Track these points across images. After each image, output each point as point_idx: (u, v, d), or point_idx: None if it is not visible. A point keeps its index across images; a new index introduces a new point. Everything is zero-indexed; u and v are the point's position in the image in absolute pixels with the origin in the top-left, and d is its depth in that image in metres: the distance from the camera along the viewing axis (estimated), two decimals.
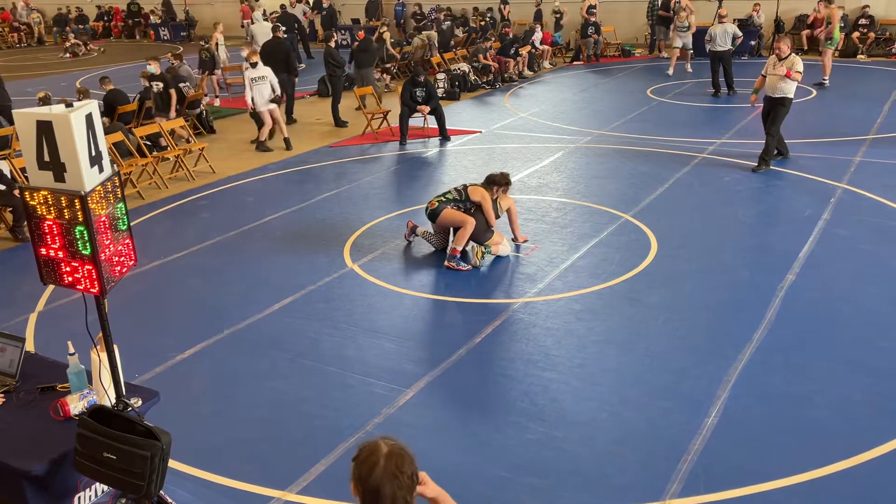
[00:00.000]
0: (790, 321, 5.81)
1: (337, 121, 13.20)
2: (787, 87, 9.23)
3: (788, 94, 9.26)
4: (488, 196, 7.16)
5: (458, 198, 7.19)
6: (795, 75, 9.14)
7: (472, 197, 7.14)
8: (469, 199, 7.16)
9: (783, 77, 9.17)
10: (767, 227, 7.86)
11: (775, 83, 9.29)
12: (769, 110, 9.48)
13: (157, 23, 27.31)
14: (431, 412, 4.91)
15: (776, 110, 9.38)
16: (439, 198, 7.24)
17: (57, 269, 3.26)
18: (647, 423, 4.68)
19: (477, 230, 7.09)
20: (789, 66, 9.13)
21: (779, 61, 9.29)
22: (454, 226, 7.19)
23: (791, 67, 9.11)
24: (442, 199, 7.21)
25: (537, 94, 15.71)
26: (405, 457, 2.31)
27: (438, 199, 7.24)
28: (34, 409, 3.74)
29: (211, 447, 4.60)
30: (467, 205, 7.17)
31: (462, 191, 7.22)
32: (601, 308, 6.21)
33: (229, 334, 5.99)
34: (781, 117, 9.41)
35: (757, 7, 18.29)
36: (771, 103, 9.43)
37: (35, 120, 3.06)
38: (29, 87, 17.35)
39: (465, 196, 7.18)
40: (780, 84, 9.25)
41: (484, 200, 7.12)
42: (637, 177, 9.63)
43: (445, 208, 7.12)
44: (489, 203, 7.14)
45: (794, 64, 9.14)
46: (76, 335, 4.02)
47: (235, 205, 9.29)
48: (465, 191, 7.21)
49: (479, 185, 7.24)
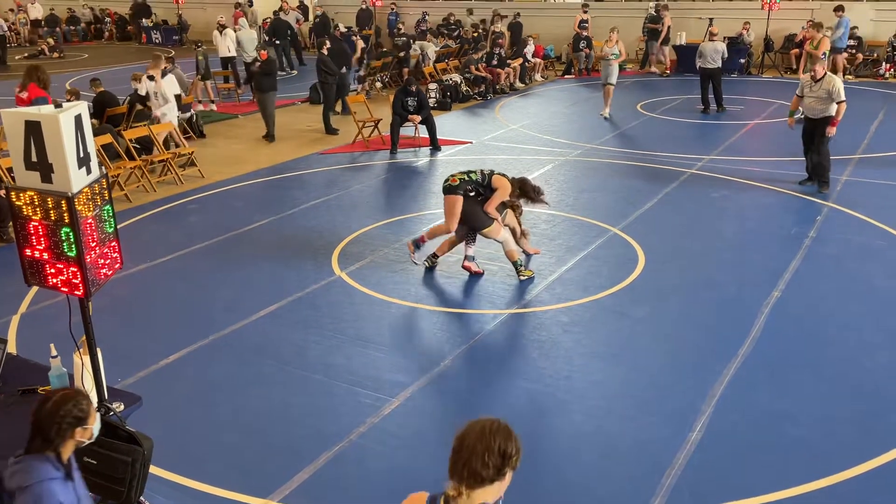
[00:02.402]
0: (775, 338, 5.84)
1: (328, 128, 13.19)
2: (828, 106, 9.15)
3: (831, 112, 9.17)
4: (508, 190, 6.85)
5: (480, 181, 6.86)
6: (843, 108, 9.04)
7: (493, 184, 6.84)
8: (490, 185, 6.86)
9: (822, 98, 9.10)
10: (754, 244, 7.91)
11: (815, 105, 9.23)
12: (811, 131, 9.42)
13: (149, 26, 27.23)
14: (416, 422, 4.89)
15: (821, 131, 9.28)
16: (462, 175, 6.90)
17: (42, 270, 3.23)
18: (633, 437, 4.69)
19: (478, 215, 6.84)
20: (829, 87, 9.04)
21: (815, 83, 9.21)
22: (445, 212, 6.95)
23: (832, 92, 8.99)
24: (464, 178, 6.86)
25: (528, 106, 15.78)
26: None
27: (461, 176, 6.89)
28: (15, 411, 3.68)
29: (193, 454, 4.56)
30: (487, 192, 6.85)
31: (487, 175, 6.90)
32: (588, 321, 6.22)
33: (214, 340, 5.95)
34: (826, 137, 9.30)
35: (747, 25, 18.49)
36: (813, 124, 9.37)
37: (24, 120, 3.04)
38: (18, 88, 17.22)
39: (488, 182, 6.86)
40: (819, 105, 9.19)
41: (501, 190, 6.82)
42: (626, 191, 9.67)
43: (457, 193, 6.82)
44: (502, 195, 6.84)
45: (835, 90, 8.99)
46: (59, 337, 3.98)
47: (223, 210, 9.25)
48: (489, 177, 6.89)
49: (508, 179, 6.91)
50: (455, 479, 2.31)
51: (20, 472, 2.72)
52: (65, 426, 2.73)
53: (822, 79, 9.15)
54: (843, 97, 9.08)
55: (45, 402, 2.75)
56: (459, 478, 2.29)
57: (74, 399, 2.77)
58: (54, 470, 2.74)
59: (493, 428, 2.37)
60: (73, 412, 2.74)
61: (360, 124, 12.38)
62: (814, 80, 9.23)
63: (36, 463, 2.72)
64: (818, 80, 9.18)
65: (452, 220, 6.89)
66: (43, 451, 2.74)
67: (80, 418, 2.77)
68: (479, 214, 6.88)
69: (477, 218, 6.89)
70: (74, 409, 2.75)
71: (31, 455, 2.74)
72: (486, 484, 2.28)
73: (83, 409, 2.78)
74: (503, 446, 2.34)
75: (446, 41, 20.04)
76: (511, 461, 2.37)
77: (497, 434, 2.35)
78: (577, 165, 10.93)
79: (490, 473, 2.28)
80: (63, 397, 2.76)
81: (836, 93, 9.03)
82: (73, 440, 2.78)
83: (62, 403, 2.74)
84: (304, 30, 23.91)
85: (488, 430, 2.36)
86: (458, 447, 2.36)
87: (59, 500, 2.69)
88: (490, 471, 2.28)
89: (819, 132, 9.30)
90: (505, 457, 2.34)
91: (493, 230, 6.91)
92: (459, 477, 2.29)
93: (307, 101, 16.06)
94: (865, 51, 18.13)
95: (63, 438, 2.74)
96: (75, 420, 2.75)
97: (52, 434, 2.71)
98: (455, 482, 2.31)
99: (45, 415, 2.72)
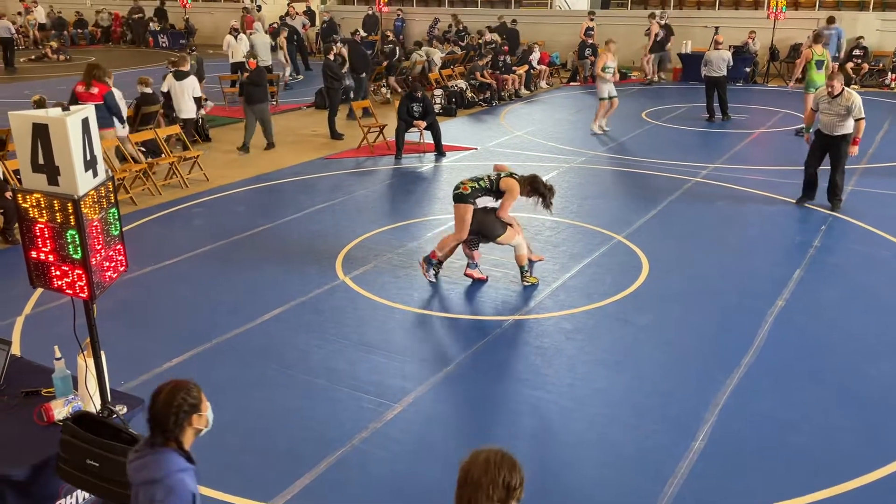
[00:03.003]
0: (779, 347, 5.83)
1: (333, 133, 13.22)
2: (846, 123, 8.81)
3: (848, 129, 8.84)
4: (516, 192, 6.74)
5: (489, 187, 6.76)
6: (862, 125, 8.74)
7: (501, 187, 6.74)
8: (499, 189, 6.75)
9: (840, 115, 8.76)
10: (758, 252, 7.90)
11: (833, 121, 8.84)
12: (825, 148, 9.03)
13: (156, 30, 27.35)
14: (418, 428, 4.88)
15: (837, 148, 8.95)
16: (472, 183, 6.77)
17: (47, 272, 3.23)
18: (635, 445, 4.67)
19: (491, 225, 6.78)
20: (847, 103, 8.69)
21: (832, 98, 8.79)
22: (456, 221, 6.90)
23: (851, 108, 8.67)
24: (475, 186, 6.75)
25: (533, 113, 15.80)
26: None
27: (472, 184, 6.76)
28: (18, 413, 3.69)
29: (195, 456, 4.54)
30: (498, 195, 6.76)
31: (495, 181, 6.78)
32: (592, 328, 6.21)
33: (218, 343, 5.96)
34: (845, 154, 8.98)
35: (752, 34, 18.50)
36: (829, 141, 8.97)
37: (31, 122, 3.05)
38: (25, 90, 17.32)
39: (496, 187, 6.76)
40: (836, 122, 8.82)
41: (509, 193, 6.73)
42: (630, 198, 9.67)
43: (468, 202, 6.73)
44: (512, 198, 6.75)
45: (854, 107, 8.66)
46: (63, 339, 3.99)
47: (228, 214, 9.27)
48: (497, 181, 6.78)
49: (515, 179, 6.79)
50: None
51: (148, 465, 2.70)
52: (181, 415, 2.71)
53: (840, 94, 8.76)
54: (863, 114, 8.77)
55: (157, 396, 2.73)
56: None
57: (185, 388, 2.75)
58: (183, 461, 2.73)
59: (497, 460, 2.38)
60: (188, 400, 2.72)
61: (364, 129, 12.40)
62: (831, 96, 8.82)
63: (163, 455, 2.70)
64: (836, 96, 8.78)
65: (463, 229, 6.80)
66: (166, 445, 2.73)
67: (194, 405, 2.75)
68: (492, 224, 6.80)
69: (491, 227, 6.81)
70: (188, 398, 2.73)
71: (155, 448, 2.72)
72: None
73: (195, 396, 2.76)
74: (507, 479, 2.36)
75: (452, 47, 20.08)
76: (515, 493, 2.38)
77: (502, 467, 2.36)
78: (581, 172, 10.93)
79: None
80: (173, 388, 2.74)
81: (855, 109, 8.70)
82: (191, 428, 2.77)
83: (174, 394, 2.72)
84: (310, 35, 24.01)
85: (493, 462, 2.37)
86: (463, 481, 2.38)
87: (192, 490, 2.68)
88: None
89: (834, 150, 8.97)
90: (509, 489, 2.36)
91: (507, 236, 6.83)
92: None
93: (313, 105, 16.10)
94: (871, 61, 18.12)
95: (181, 428, 2.73)
96: (190, 408, 2.73)
97: (170, 425, 2.70)
98: None
99: (159, 408, 2.70)
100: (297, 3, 24.72)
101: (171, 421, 2.70)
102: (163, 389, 2.76)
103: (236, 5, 26.61)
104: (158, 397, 2.73)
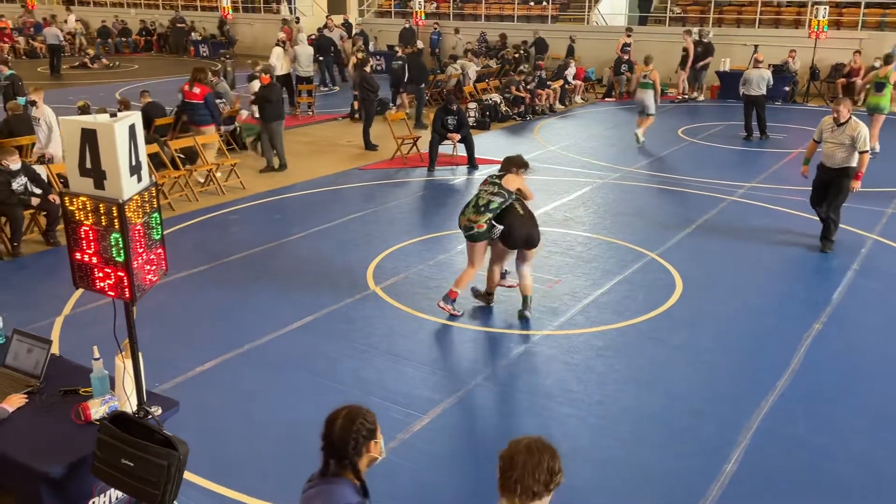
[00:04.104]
0: (815, 371, 5.72)
1: (367, 144, 13.33)
2: (850, 155, 7.94)
3: (852, 163, 7.96)
4: (521, 178, 6.60)
5: (503, 198, 6.44)
6: (865, 159, 7.97)
7: (509, 187, 6.47)
8: (510, 191, 6.47)
9: (844, 145, 7.94)
10: (795, 274, 7.77)
11: (835, 152, 7.99)
12: (827, 182, 8.14)
13: (197, 39, 27.90)
14: (446, 440, 4.88)
15: (838, 183, 8.04)
16: (483, 217, 6.37)
17: (90, 273, 3.30)
18: (665, 466, 4.62)
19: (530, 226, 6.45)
20: (852, 133, 7.85)
21: (837, 126, 7.99)
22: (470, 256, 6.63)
23: (856, 139, 7.84)
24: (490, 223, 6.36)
25: (567, 127, 15.77)
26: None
27: (483, 218, 6.37)
28: (56, 411, 3.77)
29: (225, 461, 4.61)
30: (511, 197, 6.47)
31: (506, 192, 6.46)
32: (623, 346, 6.16)
33: (250, 349, 6.02)
34: (845, 191, 8.07)
35: (793, 53, 18.28)
36: (829, 175, 8.09)
37: (80, 128, 3.13)
38: (70, 96, 17.76)
39: (507, 191, 6.47)
40: (839, 153, 7.98)
41: (519, 181, 6.58)
42: (665, 216, 9.59)
43: (484, 238, 6.45)
44: (519, 183, 6.57)
45: (860, 138, 7.84)
46: (99, 340, 4.06)
47: (263, 221, 9.39)
48: (500, 186, 6.49)
49: (507, 175, 6.57)
50: (508, 496, 2.39)
51: (320, 495, 2.62)
52: (361, 441, 2.65)
53: (847, 122, 7.91)
54: (868, 147, 7.99)
55: (333, 422, 2.67)
56: (513, 494, 2.37)
57: (363, 413, 2.69)
58: (356, 494, 2.62)
59: (538, 446, 2.45)
60: (366, 425, 2.66)
61: (398, 141, 12.49)
62: (836, 124, 7.99)
63: (337, 487, 2.62)
64: (841, 124, 7.94)
65: (478, 261, 6.59)
66: (340, 474, 2.65)
67: (372, 430, 2.68)
68: (532, 225, 6.45)
69: (534, 230, 6.45)
70: (366, 423, 2.67)
71: (329, 478, 2.65)
72: (537, 499, 2.38)
73: (371, 422, 2.70)
74: (550, 463, 2.43)
75: (487, 61, 20.16)
76: (556, 478, 2.44)
77: (544, 451, 2.44)
78: (615, 189, 10.88)
79: (540, 489, 2.37)
80: (350, 413, 2.68)
81: (860, 141, 7.84)
82: (367, 456, 2.69)
83: (353, 419, 2.66)
84: (347, 47, 24.28)
85: (535, 447, 2.44)
86: (508, 465, 2.43)
87: None
88: (540, 486, 2.37)
89: (835, 184, 8.05)
90: (552, 473, 2.42)
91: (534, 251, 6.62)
92: (513, 493, 2.37)
93: (348, 116, 16.27)
94: None
95: (360, 455, 2.65)
96: (368, 433, 2.67)
97: (349, 451, 2.62)
98: (508, 499, 2.39)
99: (339, 434, 2.64)
100: (335, 16, 25.06)
101: (350, 447, 2.63)
102: (339, 415, 2.70)
103: (276, 17, 27.05)
104: (335, 423, 2.67)
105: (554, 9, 23.24)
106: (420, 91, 15.85)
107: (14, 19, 29.71)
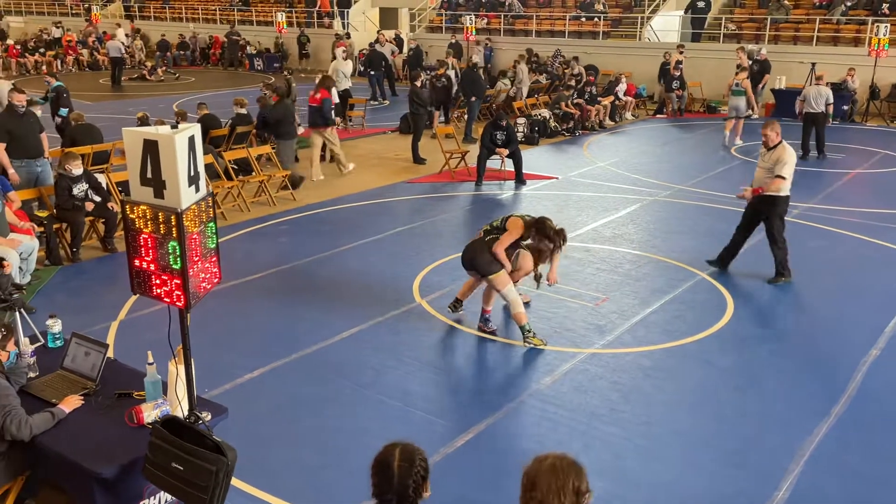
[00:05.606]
0: (872, 398, 5.53)
1: (416, 157, 13.43)
2: (780, 183, 7.34)
3: (782, 191, 7.39)
4: (519, 231, 6.19)
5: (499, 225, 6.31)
6: (776, 184, 7.29)
7: (506, 226, 6.23)
8: (505, 227, 6.24)
9: (771, 170, 7.37)
10: (852, 298, 7.53)
11: (763, 177, 7.50)
12: (754, 209, 7.64)
13: (252, 53, 28.54)
14: (489, 456, 4.85)
15: (769, 214, 7.48)
16: (486, 226, 6.43)
17: (147, 280, 3.40)
18: (715, 492, 4.51)
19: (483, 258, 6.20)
20: (776, 159, 7.29)
21: (767, 151, 7.49)
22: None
23: (776, 164, 7.25)
24: (488, 228, 6.38)
25: (617, 144, 15.64)
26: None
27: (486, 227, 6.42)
28: (110, 413, 3.87)
29: (272, 468, 4.66)
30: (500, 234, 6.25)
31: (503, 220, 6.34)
32: (671, 366, 6.05)
33: (297, 358, 6.10)
34: (776, 223, 7.48)
35: (852, 72, 17.83)
36: (760, 203, 7.54)
37: (143, 139, 3.23)
38: (130, 107, 18.34)
39: (503, 225, 6.28)
40: (767, 178, 7.41)
41: (511, 231, 6.17)
42: (716, 235, 9.39)
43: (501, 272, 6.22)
44: (511, 236, 6.17)
45: (780, 162, 7.25)
46: (153, 345, 4.17)
47: (312, 232, 9.52)
48: (504, 220, 6.33)
49: (522, 219, 6.28)
50: None
51: None
52: (419, 480, 2.58)
53: (776, 147, 7.42)
54: (786, 174, 7.26)
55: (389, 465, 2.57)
56: None
57: (418, 453, 2.62)
58: None
59: (563, 466, 2.32)
60: (424, 465, 2.61)
61: (447, 155, 12.55)
62: (766, 148, 7.50)
63: None
64: (770, 149, 7.45)
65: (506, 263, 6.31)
66: None
67: (427, 469, 2.62)
68: (484, 257, 6.19)
69: (482, 261, 6.20)
70: (424, 462, 2.61)
71: None
72: None
73: (426, 460, 2.63)
74: (576, 483, 2.31)
75: (537, 76, 20.15)
76: (583, 499, 2.31)
77: (569, 473, 2.31)
78: (665, 206, 10.73)
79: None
80: (406, 453, 2.60)
81: (779, 165, 7.26)
82: (422, 497, 2.61)
83: (412, 460, 2.58)
84: (398, 62, 24.57)
85: (559, 468, 2.32)
86: (530, 486, 2.32)
87: None
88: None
89: (766, 214, 7.53)
90: (578, 494, 2.30)
91: (498, 279, 6.16)
92: None
93: (397, 130, 16.43)
94: None
95: (419, 496, 2.58)
96: (426, 473, 2.61)
97: (410, 492, 2.54)
98: None
99: (399, 477, 2.54)
100: (387, 31, 25.39)
101: (412, 487, 2.56)
102: (392, 454, 2.60)
103: (329, 31, 27.52)
104: (391, 465, 2.57)
105: (605, 25, 23.13)
106: (473, 105, 15.97)
107: (78, 32, 30.86)
